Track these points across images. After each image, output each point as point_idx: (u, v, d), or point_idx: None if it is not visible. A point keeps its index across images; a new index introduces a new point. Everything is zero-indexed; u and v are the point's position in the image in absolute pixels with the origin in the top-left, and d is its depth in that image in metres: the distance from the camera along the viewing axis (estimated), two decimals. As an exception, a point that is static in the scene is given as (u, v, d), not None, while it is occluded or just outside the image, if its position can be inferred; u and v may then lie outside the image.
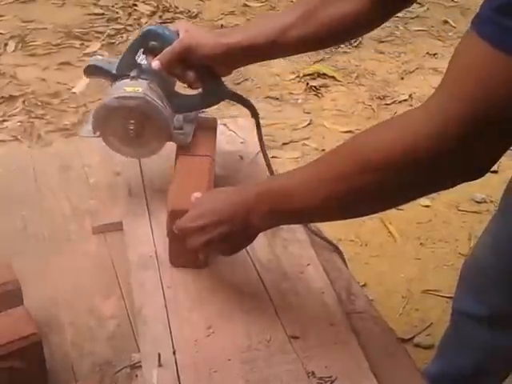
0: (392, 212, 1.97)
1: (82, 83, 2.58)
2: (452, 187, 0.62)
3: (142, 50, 0.93)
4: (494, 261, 1.06)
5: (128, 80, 0.92)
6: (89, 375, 0.77)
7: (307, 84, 2.81)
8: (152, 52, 0.92)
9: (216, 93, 0.95)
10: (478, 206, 1.87)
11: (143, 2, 3.52)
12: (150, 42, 0.91)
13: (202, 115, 1.05)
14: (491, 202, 0.96)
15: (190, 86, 0.95)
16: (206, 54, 0.88)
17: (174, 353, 0.77)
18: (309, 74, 2.90)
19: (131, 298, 0.87)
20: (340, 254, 0.96)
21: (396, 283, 0.97)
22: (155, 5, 3.46)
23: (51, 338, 0.81)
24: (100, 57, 1.10)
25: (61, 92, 2.53)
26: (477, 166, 0.58)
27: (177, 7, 3.46)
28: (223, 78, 0.97)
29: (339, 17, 0.85)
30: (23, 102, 2.44)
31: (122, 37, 3.05)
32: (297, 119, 2.44)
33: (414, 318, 1.51)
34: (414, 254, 1.21)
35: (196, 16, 3.40)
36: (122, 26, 3.15)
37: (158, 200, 1.03)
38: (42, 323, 0.79)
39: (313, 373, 0.75)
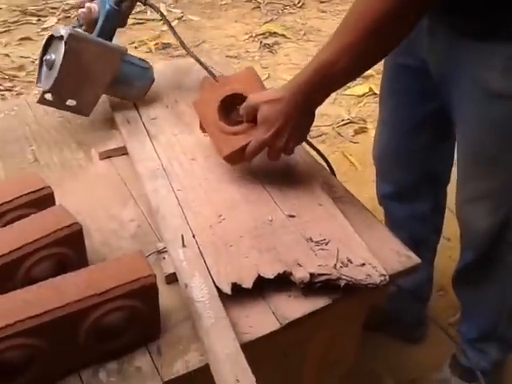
0: (350, 146, 2.29)
1: (44, 56, 2.64)
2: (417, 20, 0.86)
3: None
4: (390, 143, 1.29)
5: None
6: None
7: (261, 42, 2.96)
8: None
9: None
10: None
11: (92, -24, 3.54)
12: None
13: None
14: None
15: None
16: None
17: (193, 236, 0.90)
18: (261, 34, 3.06)
19: (146, 204, 0.99)
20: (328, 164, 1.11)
21: (363, 201, 1.14)
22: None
23: (82, 240, 0.93)
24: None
25: (25, 65, 2.59)
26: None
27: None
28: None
29: None
30: (-10, 76, 2.49)
31: (76, 11, 3.09)
32: (256, 73, 2.60)
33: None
34: (373, 178, 1.42)
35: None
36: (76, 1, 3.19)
37: (154, 126, 1.15)
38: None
39: (310, 238, 0.89)
